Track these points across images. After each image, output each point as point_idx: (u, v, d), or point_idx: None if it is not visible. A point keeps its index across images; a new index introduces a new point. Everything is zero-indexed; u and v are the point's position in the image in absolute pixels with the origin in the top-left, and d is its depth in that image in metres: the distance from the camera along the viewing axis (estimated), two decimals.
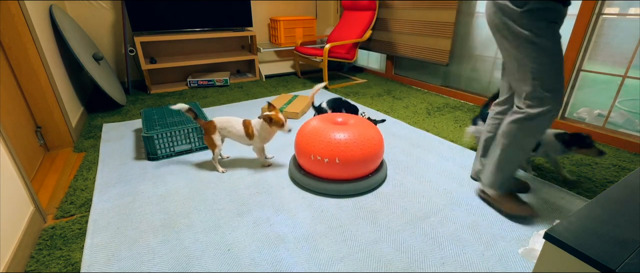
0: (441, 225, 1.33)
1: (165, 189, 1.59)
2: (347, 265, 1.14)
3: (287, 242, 1.25)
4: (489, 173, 1.39)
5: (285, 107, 2.55)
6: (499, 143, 1.34)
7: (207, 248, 1.22)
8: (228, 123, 1.68)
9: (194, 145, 1.96)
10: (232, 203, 1.48)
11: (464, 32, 2.85)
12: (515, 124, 1.26)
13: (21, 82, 1.86)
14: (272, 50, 3.89)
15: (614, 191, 0.87)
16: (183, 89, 3.34)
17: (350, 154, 1.46)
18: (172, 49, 3.51)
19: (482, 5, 2.65)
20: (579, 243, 0.68)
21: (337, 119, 1.65)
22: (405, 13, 3.15)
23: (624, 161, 1.83)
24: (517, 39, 1.16)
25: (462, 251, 1.20)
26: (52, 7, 2.31)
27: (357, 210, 1.42)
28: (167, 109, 2.17)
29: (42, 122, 1.98)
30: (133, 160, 1.88)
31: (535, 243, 1.21)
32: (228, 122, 1.68)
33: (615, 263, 0.63)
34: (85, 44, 2.67)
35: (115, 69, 3.33)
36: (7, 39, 1.76)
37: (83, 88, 2.83)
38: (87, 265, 1.15)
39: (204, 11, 3.33)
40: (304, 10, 4.09)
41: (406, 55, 3.26)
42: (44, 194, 1.59)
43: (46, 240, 1.29)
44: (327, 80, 3.31)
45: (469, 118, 2.49)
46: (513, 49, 1.19)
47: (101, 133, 2.25)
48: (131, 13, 3.02)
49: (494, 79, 2.73)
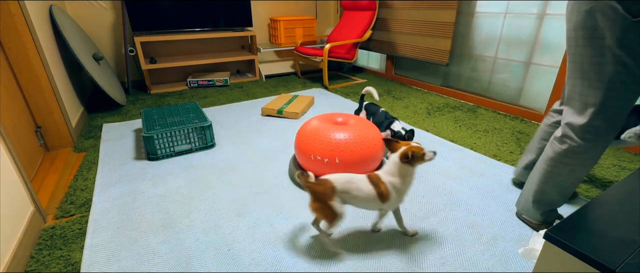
0: (441, 225, 1.33)
1: (165, 189, 1.59)
2: (347, 265, 1.14)
3: (287, 242, 1.25)
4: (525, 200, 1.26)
5: (286, 107, 2.55)
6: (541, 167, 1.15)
7: (207, 248, 1.22)
8: (350, 183, 1.12)
9: (194, 145, 1.96)
10: (232, 203, 1.48)
11: (464, 32, 2.85)
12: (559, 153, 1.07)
13: (21, 82, 1.86)
14: (272, 50, 3.89)
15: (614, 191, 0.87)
16: (183, 89, 3.34)
17: (350, 154, 1.46)
18: (172, 49, 3.51)
19: (482, 5, 2.65)
20: (579, 243, 0.68)
21: (337, 119, 1.65)
22: (405, 13, 3.15)
23: (624, 161, 1.83)
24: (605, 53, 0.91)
25: (462, 251, 1.20)
26: (52, 7, 2.31)
27: (357, 210, 1.42)
28: (167, 109, 2.16)
29: (42, 122, 1.98)
30: (133, 160, 1.88)
31: (535, 243, 1.20)
32: (350, 182, 1.13)
33: (615, 263, 0.63)
34: (85, 44, 2.67)
35: (115, 69, 3.33)
36: (7, 39, 1.76)
37: (83, 88, 2.82)
38: (87, 265, 1.15)
39: (204, 11, 3.33)
40: (304, 10, 4.09)
41: (406, 55, 3.26)
42: (44, 194, 1.59)
43: (46, 240, 1.29)
44: (327, 80, 3.31)
45: (469, 118, 2.49)
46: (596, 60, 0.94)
47: (101, 133, 2.25)
48: (131, 13, 3.02)
49: (494, 79, 2.73)
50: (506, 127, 2.31)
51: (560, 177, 1.14)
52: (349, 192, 1.12)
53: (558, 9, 2.22)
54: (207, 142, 1.99)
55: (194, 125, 1.91)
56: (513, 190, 1.56)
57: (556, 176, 1.15)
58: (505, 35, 2.56)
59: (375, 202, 1.14)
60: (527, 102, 2.54)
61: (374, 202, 1.14)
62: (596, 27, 0.91)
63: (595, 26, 0.92)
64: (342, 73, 4.03)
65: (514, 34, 2.50)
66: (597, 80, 0.95)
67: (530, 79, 2.48)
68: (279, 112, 2.50)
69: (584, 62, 0.98)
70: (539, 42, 2.37)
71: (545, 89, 2.39)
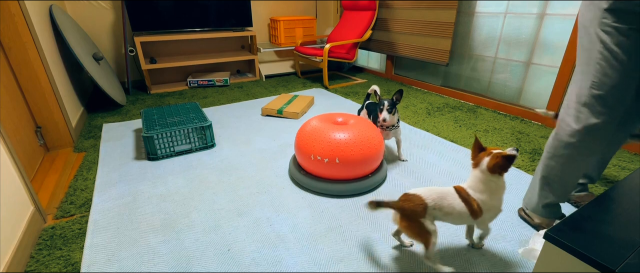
0: (441, 225, 1.33)
1: (165, 189, 1.59)
2: (347, 265, 1.14)
3: (287, 242, 1.25)
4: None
5: (286, 107, 2.55)
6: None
7: (207, 248, 1.22)
8: (442, 199, 1.03)
9: (194, 145, 1.96)
10: (232, 203, 1.48)
11: (464, 32, 2.85)
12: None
13: (21, 82, 1.86)
14: (272, 50, 3.89)
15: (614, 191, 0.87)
16: (183, 89, 3.34)
17: (350, 154, 1.46)
18: (172, 49, 3.51)
19: (482, 5, 2.65)
20: (579, 243, 0.68)
21: (337, 119, 1.65)
22: (405, 13, 3.15)
23: (624, 161, 1.83)
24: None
25: (462, 251, 1.20)
26: (52, 7, 2.31)
27: (357, 210, 1.42)
28: (167, 109, 2.17)
29: (42, 122, 1.98)
30: (133, 160, 1.88)
31: (535, 243, 1.20)
32: (442, 198, 1.03)
33: (615, 263, 0.63)
34: (85, 44, 2.67)
35: (115, 69, 3.33)
36: (7, 39, 1.76)
37: (83, 88, 2.83)
38: (87, 265, 1.15)
39: (204, 11, 3.33)
40: (304, 10, 4.09)
41: (406, 55, 3.26)
42: (44, 194, 1.59)
43: (46, 240, 1.29)
44: (327, 80, 3.31)
45: (469, 118, 2.49)
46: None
47: (101, 133, 2.25)
48: (131, 13, 3.02)
49: (494, 79, 2.73)
50: (506, 127, 2.31)
51: (557, 168, 1.16)
52: (441, 209, 1.02)
53: (558, 9, 2.22)
54: (207, 142, 1.99)
55: (194, 125, 1.91)
56: (513, 190, 1.56)
57: (554, 166, 1.16)
58: (505, 35, 2.56)
59: (467, 218, 1.05)
60: (527, 102, 2.54)
61: (466, 218, 1.05)
62: (586, 18, 1.01)
63: (586, 18, 1.01)
64: (342, 73, 4.03)
65: (514, 34, 2.50)
66: (586, 64, 1.01)
67: (530, 79, 2.48)
68: (279, 112, 2.50)
69: (580, 52, 1.04)
70: (539, 42, 2.37)
71: (545, 89, 2.39)
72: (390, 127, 1.72)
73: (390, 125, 1.72)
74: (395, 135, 1.79)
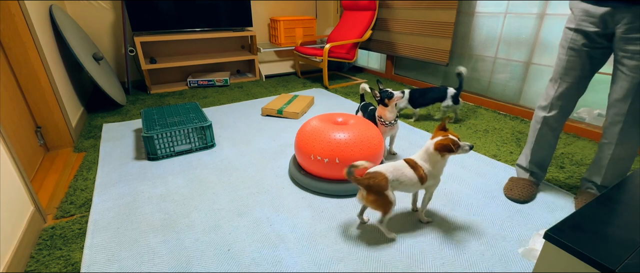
0: (441, 225, 1.33)
1: (165, 189, 1.59)
2: (347, 265, 1.14)
3: (287, 242, 1.25)
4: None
5: (286, 107, 2.55)
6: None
7: (207, 248, 1.22)
8: (397, 171, 1.20)
9: (194, 145, 1.96)
10: (232, 203, 1.48)
11: (464, 32, 2.85)
12: None
13: (21, 82, 1.86)
14: (272, 50, 3.89)
15: (614, 191, 0.87)
16: (183, 89, 3.34)
17: (350, 154, 1.46)
18: (172, 49, 3.51)
19: (482, 5, 2.65)
20: (579, 243, 0.68)
21: (337, 119, 1.65)
22: (405, 13, 3.15)
23: None
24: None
25: (462, 251, 1.20)
26: (52, 7, 2.31)
27: (357, 210, 1.42)
28: (167, 109, 2.16)
29: (42, 122, 1.98)
30: (133, 160, 1.88)
31: (535, 243, 1.21)
32: (397, 170, 1.20)
33: (615, 263, 0.63)
34: (85, 44, 2.67)
35: (115, 69, 3.33)
36: (7, 39, 1.76)
37: (83, 88, 2.83)
38: (87, 265, 1.15)
39: (204, 11, 3.33)
40: (304, 10, 4.09)
41: (406, 55, 3.26)
42: (44, 194, 1.59)
43: (46, 240, 1.29)
44: (327, 80, 3.31)
45: (468, 118, 2.49)
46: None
47: (101, 133, 2.25)
48: (131, 13, 3.02)
49: (494, 79, 2.73)
50: (506, 127, 2.31)
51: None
52: (398, 179, 1.19)
53: (558, 9, 2.22)
54: (207, 142, 1.99)
55: (194, 125, 1.91)
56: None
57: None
58: (505, 35, 2.56)
59: (417, 185, 1.23)
60: (527, 102, 2.54)
61: (416, 185, 1.23)
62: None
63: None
64: (342, 73, 4.03)
65: (513, 34, 2.50)
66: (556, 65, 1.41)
67: (530, 79, 2.48)
68: (279, 112, 2.50)
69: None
70: (539, 42, 2.37)
71: (545, 89, 2.39)
72: (393, 121, 1.74)
73: (393, 120, 1.74)
74: (394, 131, 1.81)
